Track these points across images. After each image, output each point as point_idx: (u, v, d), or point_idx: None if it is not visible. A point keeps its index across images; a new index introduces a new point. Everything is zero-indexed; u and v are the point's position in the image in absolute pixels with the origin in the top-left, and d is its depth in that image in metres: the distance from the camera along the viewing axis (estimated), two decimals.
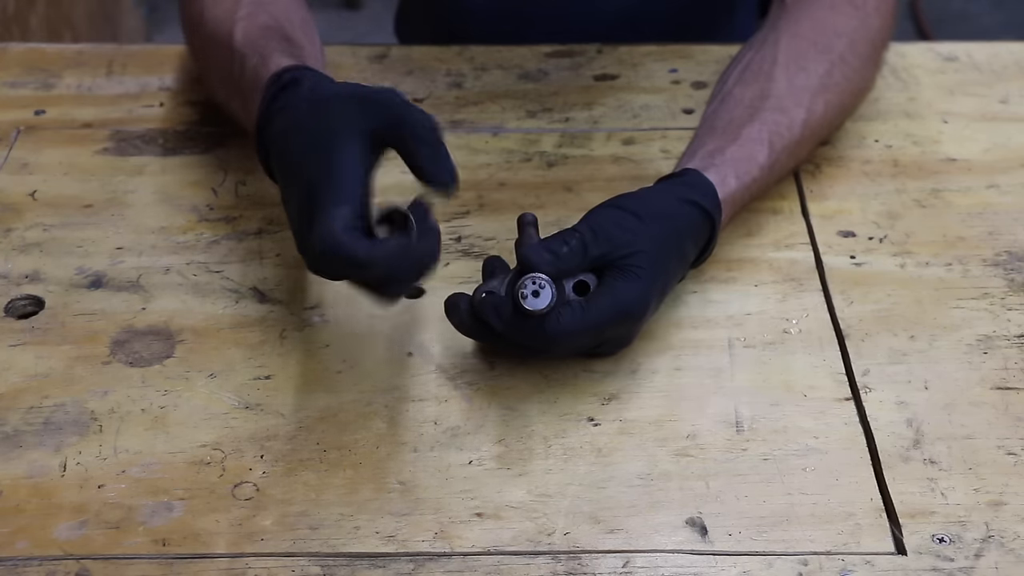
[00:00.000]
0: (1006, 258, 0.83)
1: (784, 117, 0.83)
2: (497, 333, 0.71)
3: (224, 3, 0.88)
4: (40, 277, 0.82)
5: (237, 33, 0.83)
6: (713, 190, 0.77)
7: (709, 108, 0.87)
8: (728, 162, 0.79)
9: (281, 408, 0.73)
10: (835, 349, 0.77)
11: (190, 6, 0.92)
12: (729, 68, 0.90)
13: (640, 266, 0.71)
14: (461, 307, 0.72)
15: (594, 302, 0.70)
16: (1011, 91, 1.00)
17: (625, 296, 0.71)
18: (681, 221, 0.75)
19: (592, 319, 0.70)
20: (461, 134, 0.95)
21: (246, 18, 0.85)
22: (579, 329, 0.69)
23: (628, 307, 0.71)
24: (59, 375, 0.75)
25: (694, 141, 0.84)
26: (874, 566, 0.64)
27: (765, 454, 0.70)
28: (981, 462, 0.70)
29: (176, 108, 0.97)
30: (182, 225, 0.86)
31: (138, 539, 0.65)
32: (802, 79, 0.85)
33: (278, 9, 0.88)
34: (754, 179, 0.80)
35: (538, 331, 0.69)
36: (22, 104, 0.98)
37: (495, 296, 0.71)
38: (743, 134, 0.81)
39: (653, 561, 0.65)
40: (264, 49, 0.80)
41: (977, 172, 0.91)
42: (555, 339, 0.69)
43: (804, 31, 0.88)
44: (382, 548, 0.65)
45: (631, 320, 0.72)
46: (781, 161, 0.83)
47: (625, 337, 0.75)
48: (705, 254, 0.78)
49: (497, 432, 0.72)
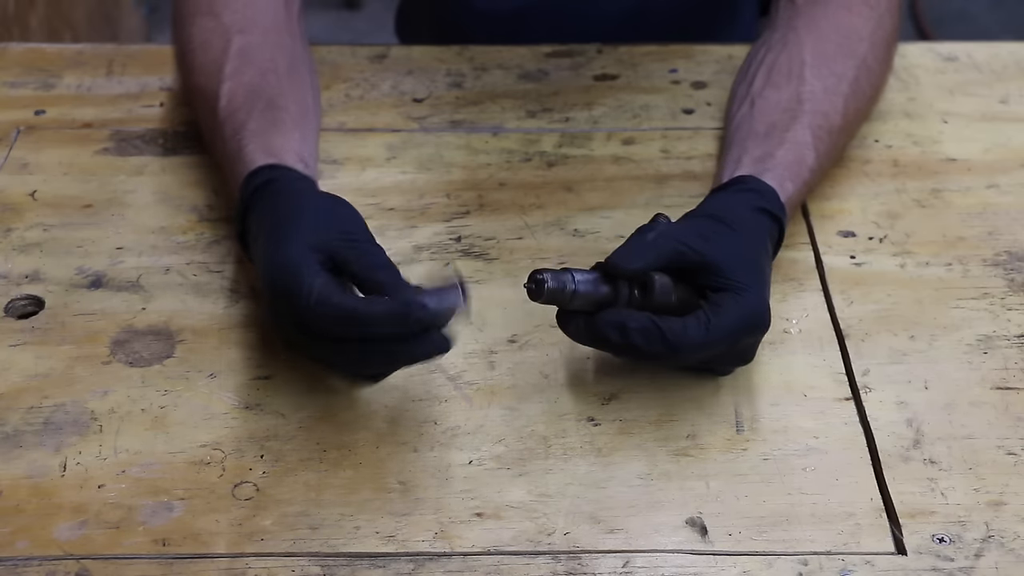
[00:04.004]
0: (1006, 258, 0.83)
1: (824, 121, 0.83)
2: (617, 346, 0.68)
3: (210, 51, 0.87)
4: (40, 277, 0.82)
5: (222, 97, 0.83)
6: (777, 196, 0.76)
7: (739, 111, 0.86)
8: (780, 166, 0.79)
9: (281, 408, 0.73)
10: (835, 349, 0.77)
11: (178, 40, 0.91)
12: (748, 68, 0.89)
13: (752, 280, 0.70)
14: (580, 325, 0.69)
15: (722, 312, 0.68)
16: (1011, 91, 1.00)
17: (751, 306, 0.69)
18: (763, 231, 0.74)
19: (719, 329, 0.68)
20: (461, 134, 0.95)
21: (232, 76, 0.84)
22: (703, 339, 0.67)
23: (756, 317, 0.70)
24: (59, 375, 0.75)
25: (734, 146, 0.83)
26: (874, 566, 0.64)
27: (765, 454, 0.70)
28: (981, 462, 0.70)
29: (176, 108, 0.97)
30: (182, 225, 0.86)
31: (138, 539, 0.65)
32: (833, 83, 0.85)
33: (264, 57, 0.86)
34: (805, 182, 0.80)
35: (660, 338, 0.67)
36: (22, 104, 0.98)
37: (617, 313, 0.68)
38: (788, 138, 0.81)
39: (653, 561, 0.65)
40: (240, 131, 0.80)
41: (977, 172, 0.91)
42: (676, 348, 0.67)
43: (827, 33, 0.88)
44: (382, 548, 0.65)
45: (759, 330, 0.71)
46: (824, 164, 0.83)
47: (745, 355, 0.73)
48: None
49: (497, 432, 0.72)
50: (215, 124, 0.83)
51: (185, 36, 0.90)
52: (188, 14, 0.90)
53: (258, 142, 0.79)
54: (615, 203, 0.87)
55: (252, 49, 0.87)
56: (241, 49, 0.86)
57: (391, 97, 0.98)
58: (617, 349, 0.69)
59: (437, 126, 0.95)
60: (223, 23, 0.88)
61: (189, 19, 0.90)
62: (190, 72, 0.88)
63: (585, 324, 0.69)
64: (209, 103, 0.85)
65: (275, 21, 0.90)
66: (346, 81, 1.00)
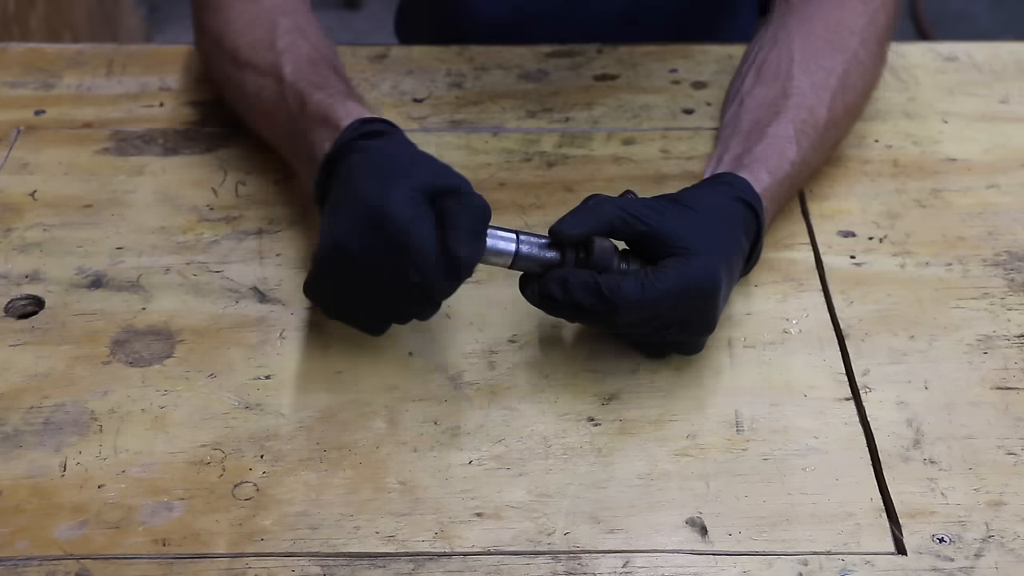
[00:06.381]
0: (1006, 258, 0.83)
1: (809, 115, 0.83)
2: (560, 305, 0.71)
3: (256, 31, 0.87)
4: (40, 277, 0.82)
5: (285, 65, 0.83)
6: (750, 185, 0.77)
7: (728, 111, 0.87)
8: (758, 160, 0.79)
9: (281, 408, 0.73)
10: (835, 349, 0.77)
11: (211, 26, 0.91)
12: (742, 68, 0.89)
13: (703, 247, 0.71)
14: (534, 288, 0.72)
15: (660, 273, 0.69)
16: (1011, 91, 1.00)
17: (693, 270, 0.70)
18: (730, 213, 0.75)
19: (655, 287, 0.69)
20: (461, 134, 0.95)
21: (290, 49, 0.85)
22: (638, 295, 0.69)
23: (700, 280, 0.70)
24: (59, 375, 0.75)
25: (719, 145, 0.84)
26: (874, 566, 0.64)
27: (765, 454, 0.70)
28: (981, 462, 0.70)
29: (176, 108, 0.97)
30: (182, 225, 0.86)
31: (138, 539, 0.65)
32: (822, 78, 0.85)
33: (314, 37, 0.88)
34: (787, 174, 0.80)
35: (600, 298, 0.69)
36: (22, 104, 0.98)
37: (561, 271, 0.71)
38: (769, 132, 0.81)
39: (653, 561, 0.65)
40: (327, 87, 0.81)
41: (977, 172, 0.91)
42: (612, 303, 0.69)
43: (818, 29, 0.88)
44: (382, 548, 0.65)
45: (704, 294, 0.70)
46: (809, 158, 0.83)
47: (701, 323, 0.73)
48: (755, 254, 0.77)
49: (497, 432, 0.72)
50: (280, 89, 0.82)
51: (222, 20, 0.90)
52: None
53: (355, 100, 0.79)
54: None
55: (301, 28, 0.87)
56: (290, 28, 0.87)
57: (391, 97, 0.98)
58: (562, 307, 0.71)
59: (437, 126, 0.95)
60: (264, 6, 0.89)
61: (225, 4, 0.90)
62: (235, 51, 0.88)
63: (537, 285, 0.72)
64: (268, 73, 0.84)
65: (307, 8, 0.92)
66: None
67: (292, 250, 0.84)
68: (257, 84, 0.85)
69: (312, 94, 0.80)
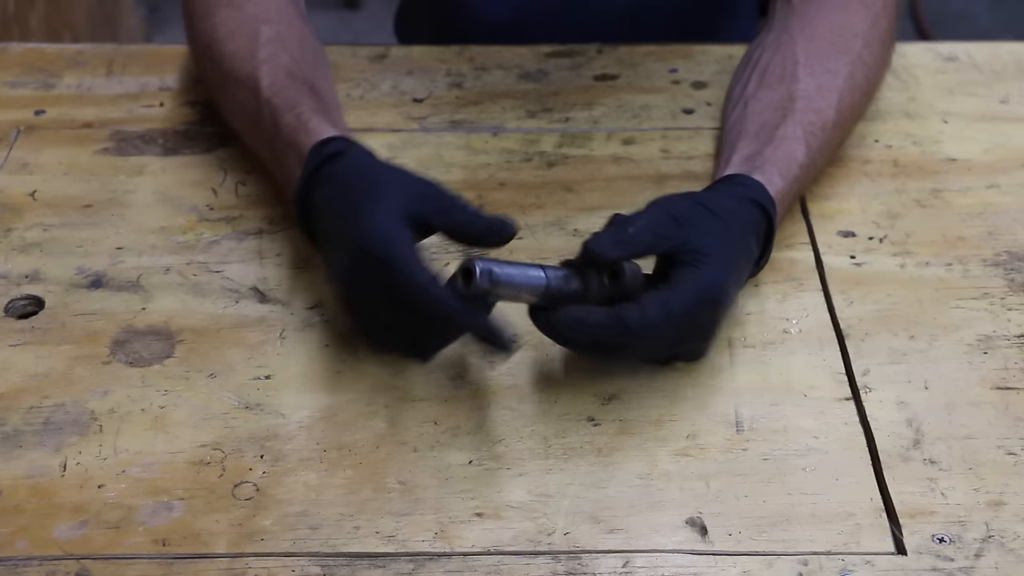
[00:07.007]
0: (1006, 258, 0.83)
1: (816, 117, 0.83)
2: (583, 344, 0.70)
3: (240, 39, 0.87)
4: (40, 277, 0.82)
5: (263, 79, 0.83)
6: (765, 189, 0.77)
7: (732, 113, 0.87)
8: (769, 162, 0.79)
9: (281, 408, 0.73)
10: (835, 349, 0.77)
11: (199, 32, 0.91)
12: (743, 71, 0.89)
13: (713, 254, 0.70)
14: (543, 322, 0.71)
15: (675, 289, 0.69)
16: (1011, 91, 1.00)
17: (706, 281, 0.69)
18: (745, 217, 0.74)
19: (676, 307, 0.68)
20: (461, 134, 0.95)
21: (269, 60, 0.85)
22: (663, 319, 0.68)
23: (710, 292, 0.70)
24: (59, 375, 0.75)
25: (726, 147, 0.84)
26: (874, 566, 0.64)
27: (765, 454, 0.70)
28: (981, 462, 0.70)
29: (176, 108, 0.97)
30: (182, 225, 0.86)
31: (138, 539, 0.65)
32: (827, 80, 0.85)
33: (293, 47, 0.87)
34: (796, 177, 0.80)
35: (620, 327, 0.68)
36: (22, 104, 0.98)
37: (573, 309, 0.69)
38: (778, 135, 0.81)
39: (653, 561, 0.65)
40: (297, 106, 0.81)
41: (977, 172, 0.91)
42: (637, 333, 0.68)
43: (821, 32, 0.88)
44: (382, 548, 0.65)
45: (713, 306, 0.70)
46: (817, 160, 0.83)
47: (706, 332, 0.73)
48: (765, 255, 0.77)
49: (497, 432, 0.72)
50: (257, 104, 0.83)
51: (208, 27, 0.90)
52: (208, 6, 0.91)
53: (320, 117, 0.79)
54: (615, 203, 0.87)
55: (282, 38, 0.87)
56: (271, 37, 0.87)
57: (391, 97, 0.98)
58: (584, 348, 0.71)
59: (437, 126, 0.95)
60: (247, 14, 0.89)
61: (211, 11, 0.90)
62: (219, 60, 0.88)
63: (547, 321, 0.70)
64: (247, 86, 0.84)
65: (293, 13, 0.91)
66: (346, 81, 1.00)
67: (292, 250, 0.84)
68: (239, 98, 0.86)
69: (283, 115, 0.80)
